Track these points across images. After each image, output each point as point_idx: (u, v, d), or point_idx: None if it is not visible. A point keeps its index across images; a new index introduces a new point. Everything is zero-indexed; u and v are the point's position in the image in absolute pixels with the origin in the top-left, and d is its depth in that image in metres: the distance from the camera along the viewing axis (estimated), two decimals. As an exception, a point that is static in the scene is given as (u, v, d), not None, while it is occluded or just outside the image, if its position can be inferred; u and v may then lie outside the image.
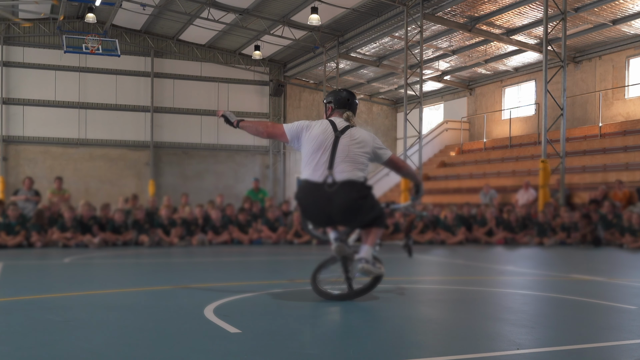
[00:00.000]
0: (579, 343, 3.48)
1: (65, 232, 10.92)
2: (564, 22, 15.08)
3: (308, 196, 4.76)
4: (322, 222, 4.93)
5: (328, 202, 4.65)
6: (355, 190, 4.65)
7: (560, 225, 12.76)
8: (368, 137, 4.88)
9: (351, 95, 5.04)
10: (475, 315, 4.41)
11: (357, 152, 4.74)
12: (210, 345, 3.30)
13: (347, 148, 4.72)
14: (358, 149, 4.75)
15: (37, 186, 13.48)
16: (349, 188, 4.63)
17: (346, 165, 4.68)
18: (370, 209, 4.73)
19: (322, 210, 4.71)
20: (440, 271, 8.18)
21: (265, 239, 12.28)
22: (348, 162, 4.68)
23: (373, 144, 4.87)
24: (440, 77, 25.21)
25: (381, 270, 4.84)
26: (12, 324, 3.89)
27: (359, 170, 4.71)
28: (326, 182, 4.65)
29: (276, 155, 27.95)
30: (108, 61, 24.52)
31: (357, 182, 4.68)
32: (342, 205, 4.62)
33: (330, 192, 4.63)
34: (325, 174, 4.66)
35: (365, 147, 4.79)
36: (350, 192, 4.63)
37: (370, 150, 4.82)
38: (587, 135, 19.44)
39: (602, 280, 6.61)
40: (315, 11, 19.10)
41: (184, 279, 6.49)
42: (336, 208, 4.63)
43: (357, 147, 4.75)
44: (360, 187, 4.69)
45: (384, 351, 3.21)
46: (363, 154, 4.76)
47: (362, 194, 4.69)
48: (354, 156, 4.71)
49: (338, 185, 4.63)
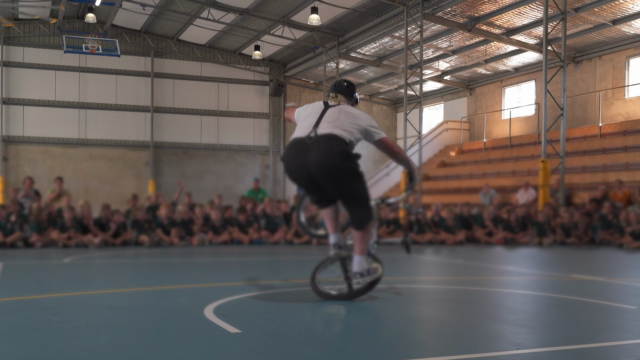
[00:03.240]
0: (579, 343, 3.48)
1: (65, 232, 10.92)
2: (564, 22, 15.08)
3: (290, 151, 4.66)
4: (303, 180, 4.66)
5: (307, 154, 4.50)
6: (335, 143, 4.48)
7: (560, 225, 12.76)
8: (362, 115, 4.81)
9: (346, 82, 5.04)
10: (475, 315, 4.41)
11: (346, 121, 4.65)
12: (210, 345, 3.30)
13: (336, 115, 4.68)
14: (348, 119, 4.67)
15: (37, 186, 13.47)
16: (328, 139, 4.51)
17: (330, 125, 4.61)
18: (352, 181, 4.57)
19: (301, 164, 4.54)
20: (440, 271, 8.18)
21: (265, 239, 12.29)
22: (334, 125, 4.60)
23: (367, 122, 4.77)
24: (440, 77, 25.21)
25: (378, 274, 4.84)
26: (12, 324, 3.89)
27: (344, 132, 4.57)
28: (308, 136, 4.58)
29: (276, 155, 27.95)
30: (108, 61, 24.52)
31: (338, 136, 4.53)
32: (319, 156, 4.45)
33: (309, 144, 4.52)
34: (309, 131, 4.61)
35: (357, 121, 4.71)
36: (329, 143, 4.48)
37: (363, 125, 4.71)
38: (587, 135, 19.44)
39: (602, 280, 6.61)
40: (315, 11, 19.10)
41: (184, 279, 6.49)
42: (313, 158, 4.45)
43: (347, 117, 4.68)
44: (341, 143, 4.51)
45: (384, 351, 3.21)
46: (353, 124, 4.66)
47: (343, 152, 4.49)
48: (341, 122, 4.63)
49: (318, 136, 4.55)
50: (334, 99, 4.94)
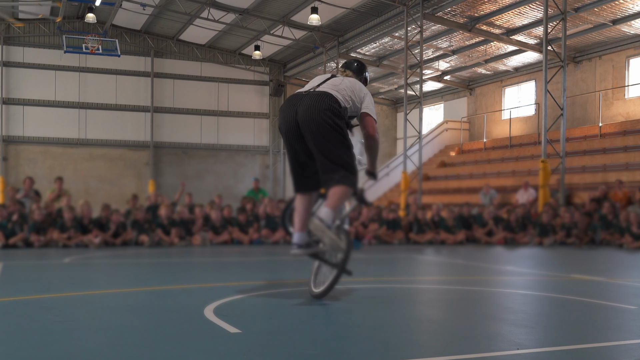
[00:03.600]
0: (579, 343, 3.48)
1: (65, 232, 10.92)
2: (564, 22, 15.08)
3: (285, 103, 4.71)
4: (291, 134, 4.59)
5: (298, 104, 4.57)
6: (328, 100, 4.53)
7: (560, 225, 12.76)
8: (363, 87, 4.87)
9: (357, 61, 5.18)
10: (475, 315, 4.41)
11: (347, 89, 4.71)
12: (210, 345, 3.29)
13: (338, 82, 4.76)
14: (347, 87, 4.72)
15: (37, 186, 13.48)
16: (322, 95, 4.57)
17: (329, 86, 4.68)
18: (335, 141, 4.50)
19: (290, 115, 4.57)
20: (440, 271, 8.18)
21: (265, 239, 12.29)
22: (333, 88, 4.67)
23: (366, 96, 4.81)
24: (440, 77, 25.21)
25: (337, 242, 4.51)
26: (12, 324, 3.89)
27: (341, 95, 4.63)
28: (306, 91, 4.67)
29: (276, 155, 27.96)
30: (108, 61, 24.53)
31: (333, 96, 4.58)
32: (308, 108, 4.50)
33: (303, 96, 4.61)
34: (308, 88, 4.71)
35: (357, 92, 4.75)
36: (321, 99, 4.54)
37: (359, 96, 4.75)
38: (587, 135, 19.44)
39: (602, 280, 6.61)
40: (315, 11, 19.10)
41: (184, 279, 6.49)
42: (302, 109, 4.50)
43: (349, 86, 4.74)
44: (334, 102, 4.54)
45: (384, 351, 3.21)
46: (352, 94, 4.71)
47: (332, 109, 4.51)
48: (341, 88, 4.69)
49: (313, 92, 4.63)
50: (343, 74, 5.04)
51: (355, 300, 4.87)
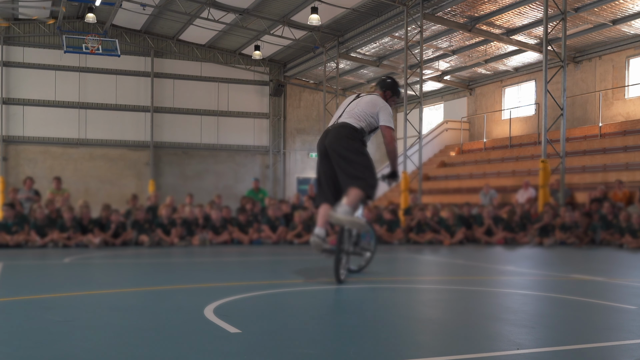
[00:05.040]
0: (579, 343, 3.48)
1: (65, 232, 10.92)
2: (564, 22, 15.07)
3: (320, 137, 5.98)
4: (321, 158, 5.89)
5: (327, 137, 5.85)
6: (349, 129, 5.76)
7: (560, 225, 12.76)
8: (381, 102, 5.93)
9: (389, 78, 6.26)
10: (475, 315, 4.41)
11: (363, 109, 5.83)
12: (210, 345, 3.30)
13: (355, 107, 5.91)
14: (364, 107, 5.85)
15: (37, 186, 13.48)
16: (341, 127, 5.82)
17: (347, 114, 5.89)
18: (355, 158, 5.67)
19: (321, 145, 5.87)
20: (440, 271, 8.18)
21: (265, 239, 12.28)
22: (350, 115, 5.86)
23: (381, 109, 5.86)
24: (440, 77, 25.22)
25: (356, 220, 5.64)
26: (12, 323, 3.89)
27: (355, 120, 5.80)
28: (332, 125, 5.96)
29: (276, 155, 27.96)
30: (108, 61, 24.53)
31: (350, 125, 5.79)
32: (332, 138, 5.77)
33: (330, 130, 5.90)
34: (333, 122, 5.99)
35: (373, 108, 5.85)
36: (342, 128, 5.79)
37: (375, 110, 5.84)
38: (587, 135, 19.44)
39: (602, 280, 6.61)
40: (315, 11, 19.10)
41: (184, 279, 6.49)
42: (328, 140, 5.78)
43: (364, 105, 5.87)
44: (352, 130, 5.76)
45: (384, 351, 3.21)
46: (367, 112, 5.82)
47: (351, 136, 5.73)
48: (357, 112, 5.83)
49: (335, 125, 5.89)
50: (372, 89, 6.15)
51: (356, 300, 4.87)
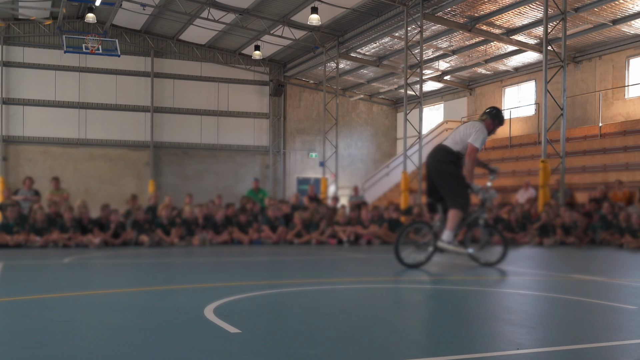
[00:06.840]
0: (579, 343, 3.48)
1: (65, 232, 10.92)
2: (564, 22, 15.07)
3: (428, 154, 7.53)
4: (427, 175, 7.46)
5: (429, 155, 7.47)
6: (441, 152, 7.31)
7: (560, 225, 12.75)
8: (471, 126, 7.31)
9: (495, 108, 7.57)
10: (476, 315, 4.41)
11: (460, 133, 7.28)
12: (210, 345, 3.29)
13: (454, 132, 7.43)
14: (459, 132, 7.32)
15: (37, 186, 13.48)
16: (438, 149, 7.38)
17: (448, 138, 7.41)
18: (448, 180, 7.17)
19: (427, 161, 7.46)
20: (440, 271, 8.17)
21: (265, 239, 12.28)
22: (449, 138, 7.38)
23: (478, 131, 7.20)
24: (440, 77, 25.21)
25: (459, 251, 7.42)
26: (12, 324, 3.88)
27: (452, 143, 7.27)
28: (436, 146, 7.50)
29: (276, 155, 27.95)
30: (108, 61, 24.53)
31: (445, 146, 7.28)
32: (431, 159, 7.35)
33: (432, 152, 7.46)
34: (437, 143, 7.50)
35: (466, 130, 7.28)
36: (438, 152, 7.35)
37: (467, 133, 7.21)
38: (587, 135, 19.44)
39: (602, 280, 6.61)
40: (315, 11, 19.10)
41: (184, 279, 6.49)
42: (428, 161, 7.39)
43: (463, 130, 7.32)
44: (445, 151, 7.26)
45: (384, 351, 3.21)
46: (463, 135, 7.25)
47: (444, 158, 7.22)
48: (454, 136, 7.33)
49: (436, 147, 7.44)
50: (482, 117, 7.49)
51: (356, 300, 4.87)
